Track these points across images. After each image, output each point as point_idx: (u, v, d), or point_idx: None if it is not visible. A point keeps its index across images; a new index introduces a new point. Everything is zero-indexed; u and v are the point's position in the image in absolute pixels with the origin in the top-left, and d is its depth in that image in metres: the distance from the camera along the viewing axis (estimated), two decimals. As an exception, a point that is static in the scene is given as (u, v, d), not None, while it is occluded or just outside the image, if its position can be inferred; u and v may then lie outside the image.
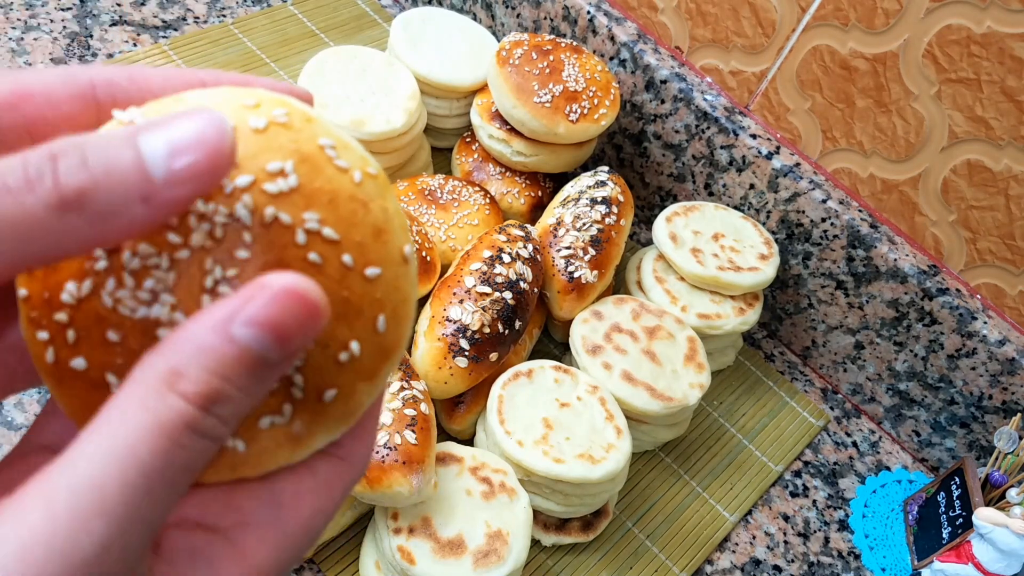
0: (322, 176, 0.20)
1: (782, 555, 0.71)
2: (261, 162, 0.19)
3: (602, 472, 0.60)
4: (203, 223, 0.19)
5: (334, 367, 0.21)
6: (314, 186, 0.20)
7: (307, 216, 0.20)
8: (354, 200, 0.20)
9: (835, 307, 0.80)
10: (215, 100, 0.20)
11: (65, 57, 0.82)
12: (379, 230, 0.21)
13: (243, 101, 0.20)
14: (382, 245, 0.21)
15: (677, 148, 0.84)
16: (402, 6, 1.02)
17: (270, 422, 0.21)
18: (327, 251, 0.20)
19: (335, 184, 0.20)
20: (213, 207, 0.19)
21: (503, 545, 0.56)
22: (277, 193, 0.19)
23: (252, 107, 0.20)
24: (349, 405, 0.21)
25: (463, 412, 0.67)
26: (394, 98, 0.77)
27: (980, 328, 0.70)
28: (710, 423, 0.78)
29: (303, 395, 0.21)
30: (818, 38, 0.72)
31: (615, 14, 0.84)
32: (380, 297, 0.21)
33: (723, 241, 0.77)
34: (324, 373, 0.20)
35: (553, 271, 0.70)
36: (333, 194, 0.20)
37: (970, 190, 0.69)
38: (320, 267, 0.20)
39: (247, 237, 0.19)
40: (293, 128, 0.20)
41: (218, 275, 0.19)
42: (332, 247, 0.20)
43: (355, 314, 0.20)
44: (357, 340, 0.21)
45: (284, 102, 0.21)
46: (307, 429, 0.21)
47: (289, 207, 0.20)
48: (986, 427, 0.74)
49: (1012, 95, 0.64)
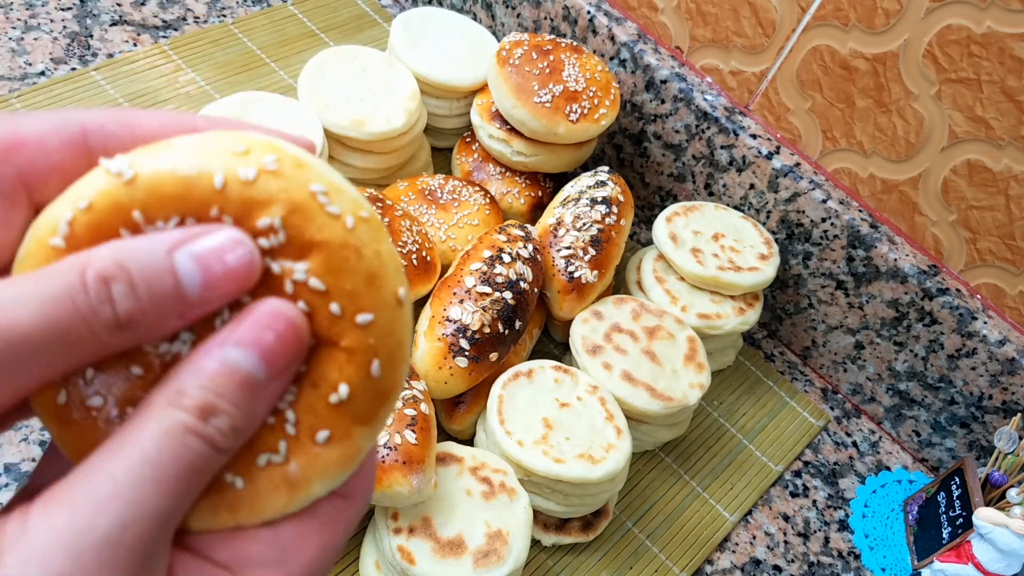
0: (313, 225, 0.21)
1: (782, 555, 0.71)
2: (252, 221, 0.20)
3: (602, 472, 0.60)
4: None
5: (325, 408, 0.21)
6: (304, 238, 0.21)
7: (296, 267, 0.21)
8: (346, 247, 0.21)
9: (835, 307, 0.80)
10: (204, 146, 0.21)
11: (65, 57, 0.82)
12: (372, 275, 0.21)
13: (233, 148, 0.21)
14: (376, 291, 0.21)
15: (677, 148, 0.84)
16: (402, 6, 1.02)
17: (267, 460, 0.21)
18: (315, 300, 0.21)
19: (326, 233, 0.21)
20: None
21: (503, 545, 0.56)
22: (267, 249, 0.20)
23: (242, 154, 0.21)
24: (347, 449, 0.22)
25: (463, 412, 0.67)
26: (394, 98, 0.77)
27: (980, 328, 0.70)
28: (710, 423, 0.78)
29: (296, 432, 0.21)
30: (818, 38, 0.72)
31: (615, 14, 0.84)
32: (373, 343, 0.21)
33: (723, 241, 0.77)
34: (316, 413, 0.21)
35: (553, 271, 0.70)
36: (323, 243, 0.21)
37: (970, 190, 0.69)
38: (309, 315, 0.21)
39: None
40: (283, 176, 0.21)
41: (225, 316, 0.21)
42: (320, 297, 0.21)
43: (345, 359, 0.21)
44: (347, 384, 0.21)
45: (275, 147, 0.21)
46: (303, 472, 0.21)
47: (280, 258, 0.21)
48: (986, 427, 0.74)
49: (1012, 95, 0.64)
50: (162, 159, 0.20)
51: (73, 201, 0.20)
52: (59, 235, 0.20)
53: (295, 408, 0.21)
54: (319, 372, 0.21)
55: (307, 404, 0.21)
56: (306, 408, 0.21)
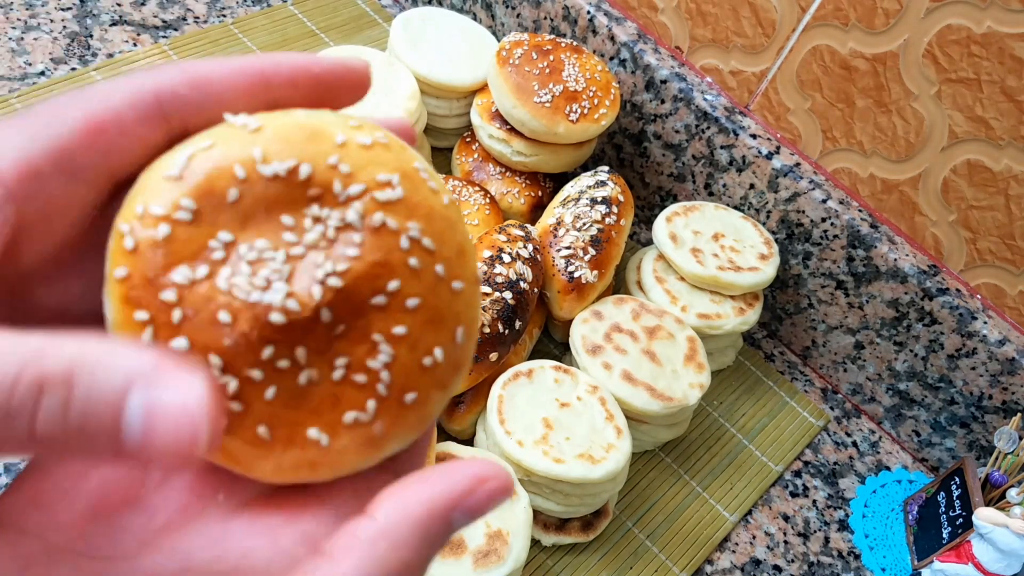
0: (420, 193, 0.22)
1: (782, 555, 0.71)
2: (371, 173, 0.21)
3: (602, 472, 0.60)
4: (317, 224, 0.21)
5: (418, 371, 0.22)
6: (415, 200, 0.22)
7: (410, 225, 0.21)
8: (445, 219, 0.22)
9: (835, 307, 0.80)
10: (323, 116, 0.22)
11: (65, 57, 0.82)
12: (462, 249, 0.23)
13: (347, 121, 0.22)
14: (464, 264, 0.23)
15: (677, 148, 0.84)
16: (402, 6, 1.02)
17: (354, 418, 0.21)
18: (425, 259, 0.22)
19: (431, 202, 0.22)
20: (328, 212, 0.21)
21: (503, 545, 0.56)
22: (385, 201, 0.21)
23: (356, 127, 0.22)
24: (423, 412, 0.22)
25: (463, 412, 0.67)
26: (394, 98, 0.77)
27: (980, 328, 0.70)
28: (710, 423, 0.78)
29: (387, 393, 0.21)
30: (818, 38, 0.72)
31: (615, 14, 0.84)
32: (460, 311, 0.22)
33: (723, 241, 0.77)
34: (409, 375, 0.22)
35: (553, 271, 0.70)
36: (430, 210, 0.22)
37: (970, 190, 0.69)
38: (418, 272, 0.21)
39: (356, 238, 0.21)
40: (393, 149, 0.22)
41: (328, 269, 0.20)
42: (429, 256, 0.22)
43: (440, 322, 0.22)
44: (441, 347, 0.22)
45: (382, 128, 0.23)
46: (385, 431, 0.22)
47: (395, 215, 0.21)
48: (986, 427, 0.74)
49: (1012, 95, 0.64)
50: (286, 117, 0.21)
51: (196, 142, 0.21)
52: (176, 167, 0.20)
53: (390, 369, 0.21)
54: (417, 335, 0.21)
55: (402, 365, 0.21)
56: (400, 369, 0.21)
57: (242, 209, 0.20)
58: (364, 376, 0.21)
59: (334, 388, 0.21)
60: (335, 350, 0.21)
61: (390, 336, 0.21)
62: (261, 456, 0.21)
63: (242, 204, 0.20)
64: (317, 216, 0.21)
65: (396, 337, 0.21)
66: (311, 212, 0.21)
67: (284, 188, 0.21)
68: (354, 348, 0.21)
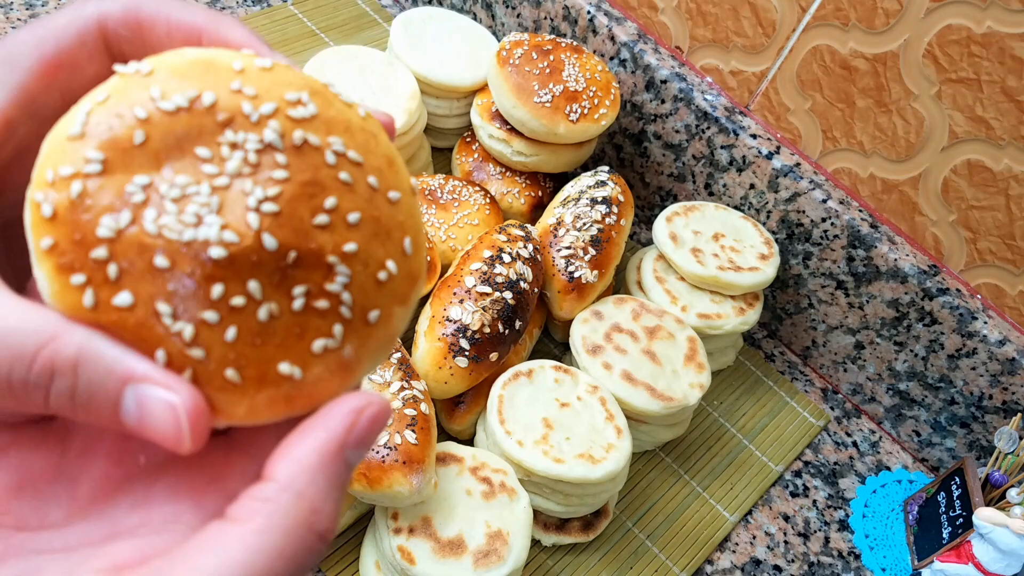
0: (334, 107, 0.21)
1: (782, 555, 0.71)
2: (278, 92, 0.21)
3: (602, 472, 0.59)
4: (236, 151, 0.20)
5: (375, 287, 0.21)
6: (330, 114, 0.21)
7: (332, 140, 0.21)
8: (365, 131, 0.22)
9: (835, 307, 0.80)
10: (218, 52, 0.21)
11: (65, 57, 0.82)
12: (391, 159, 0.22)
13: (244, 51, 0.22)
14: (395, 173, 0.22)
15: (677, 148, 0.84)
16: (402, 6, 1.02)
17: (323, 345, 0.21)
18: (355, 172, 0.21)
19: (346, 115, 0.22)
20: (243, 136, 0.20)
21: (503, 545, 0.56)
22: (300, 119, 0.21)
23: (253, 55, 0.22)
24: (388, 329, 0.22)
25: (463, 412, 0.67)
26: (394, 98, 0.77)
27: (980, 328, 0.70)
28: (710, 423, 0.78)
29: (351, 315, 0.21)
30: (818, 38, 0.72)
31: (615, 14, 0.84)
32: (403, 220, 0.22)
33: (723, 241, 0.77)
34: (368, 292, 0.21)
35: (553, 271, 0.70)
36: (347, 123, 0.21)
37: (970, 190, 0.69)
38: (351, 186, 0.21)
39: (280, 159, 0.20)
40: (297, 72, 0.22)
41: (260, 195, 0.20)
42: (358, 169, 0.21)
43: (385, 234, 0.21)
44: (392, 260, 0.22)
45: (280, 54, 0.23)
46: (356, 354, 0.21)
47: (314, 131, 0.21)
48: (986, 427, 0.74)
49: (1012, 95, 0.64)
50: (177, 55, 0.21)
51: (92, 96, 0.20)
52: (76, 125, 0.20)
53: (350, 289, 0.21)
54: (367, 250, 0.21)
55: (359, 284, 0.21)
56: (359, 288, 0.21)
57: (152, 149, 0.20)
58: (326, 301, 0.20)
59: (297, 318, 0.20)
60: (291, 279, 0.20)
61: (343, 255, 0.21)
62: (234, 401, 0.20)
63: (151, 144, 0.20)
64: (233, 142, 0.20)
65: (349, 255, 0.21)
66: (226, 139, 0.20)
67: (191, 119, 0.20)
68: (310, 274, 0.20)
